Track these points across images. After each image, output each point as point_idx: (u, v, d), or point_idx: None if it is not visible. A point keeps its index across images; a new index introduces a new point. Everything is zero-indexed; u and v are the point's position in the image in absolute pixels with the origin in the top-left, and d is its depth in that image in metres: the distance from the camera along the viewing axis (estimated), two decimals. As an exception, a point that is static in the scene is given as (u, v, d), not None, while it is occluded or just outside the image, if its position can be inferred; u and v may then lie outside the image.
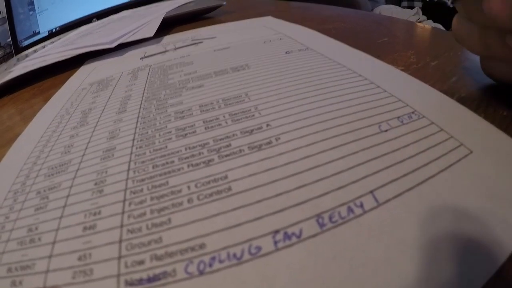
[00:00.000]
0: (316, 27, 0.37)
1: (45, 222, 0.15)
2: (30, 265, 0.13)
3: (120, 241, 0.13)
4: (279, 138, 0.16)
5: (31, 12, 0.78)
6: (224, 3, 0.58)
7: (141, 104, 0.24)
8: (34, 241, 0.14)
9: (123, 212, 0.14)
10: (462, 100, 0.19)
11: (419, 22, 2.19)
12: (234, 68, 0.27)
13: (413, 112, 0.17)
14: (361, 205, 0.12)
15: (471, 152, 0.14)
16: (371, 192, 0.13)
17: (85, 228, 0.14)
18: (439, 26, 2.16)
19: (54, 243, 0.13)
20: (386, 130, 0.16)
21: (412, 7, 2.88)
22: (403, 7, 2.86)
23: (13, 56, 0.77)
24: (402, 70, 0.23)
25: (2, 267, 0.13)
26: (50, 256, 0.13)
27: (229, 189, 0.14)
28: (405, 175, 0.13)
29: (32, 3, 0.78)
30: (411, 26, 0.43)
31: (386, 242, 0.11)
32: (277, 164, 0.15)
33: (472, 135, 0.15)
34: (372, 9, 2.60)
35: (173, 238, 0.12)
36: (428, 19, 2.24)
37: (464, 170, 0.13)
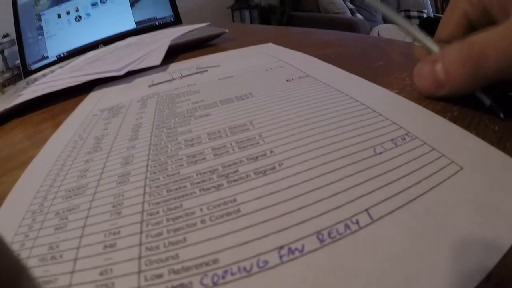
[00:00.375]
0: (316, 52, 0.38)
1: (66, 241, 0.16)
2: (53, 279, 0.14)
3: (140, 257, 0.14)
4: (282, 164, 0.18)
5: (40, 37, 0.80)
6: (227, 30, 0.59)
7: (152, 131, 0.25)
8: (56, 258, 0.15)
9: (141, 232, 0.15)
10: (454, 119, 0.20)
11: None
12: (238, 97, 0.28)
13: (406, 134, 0.18)
14: (357, 222, 0.13)
15: (462, 168, 0.15)
16: (366, 210, 0.14)
17: (105, 246, 0.15)
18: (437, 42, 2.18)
19: (75, 260, 0.14)
20: (380, 153, 0.17)
21: (410, 24, 2.90)
22: (401, 26, 2.88)
23: (21, 78, 0.79)
24: (397, 93, 0.24)
25: (24, 281, 0.14)
26: (72, 272, 0.14)
27: (238, 211, 0.15)
28: (397, 193, 0.14)
29: (41, 28, 0.80)
30: (407, 47, 0.44)
31: (379, 255, 0.12)
32: (281, 187, 0.16)
33: (462, 152, 0.16)
34: (370, 29, 2.64)
35: (189, 254, 0.13)
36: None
37: (454, 186, 0.14)
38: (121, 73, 0.45)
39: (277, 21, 3.36)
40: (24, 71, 0.78)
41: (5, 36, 2.44)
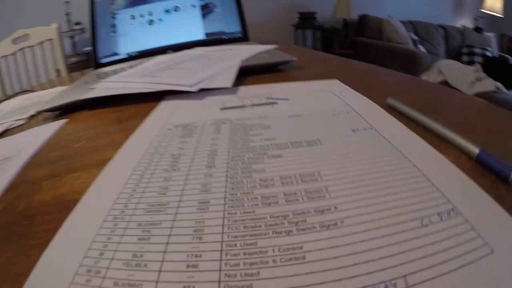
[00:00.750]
0: (380, 100, 0.40)
1: (150, 253, 0.19)
2: (137, 284, 0.17)
3: (219, 281, 0.17)
4: (343, 222, 0.20)
5: (112, 34, 0.86)
6: (295, 58, 0.63)
7: (227, 163, 0.28)
8: (140, 265, 0.18)
9: (221, 259, 0.18)
10: (500, 198, 0.21)
11: (479, 79, 2.14)
12: (308, 142, 0.30)
13: (452, 209, 0.20)
14: (395, 285, 0.16)
15: (492, 251, 0.17)
16: (404, 276, 0.16)
17: (188, 266, 0.18)
18: (499, 85, 2.11)
19: (160, 271, 0.17)
20: (426, 225, 0.19)
21: (472, 62, 2.82)
22: (463, 62, 2.79)
23: (87, 65, 0.86)
24: (451, 160, 0.26)
25: (109, 280, 0.17)
26: (157, 281, 0.17)
27: (304, 257, 0.18)
28: (432, 266, 0.17)
29: (114, 26, 0.86)
30: (467, 104, 0.44)
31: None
32: (340, 243, 0.18)
33: (497, 235, 0.18)
34: (431, 63, 2.58)
35: (261, 287, 0.16)
36: (489, 76, 2.18)
37: (481, 268, 0.16)
38: (194, 89, 0.49)
39: (339, 44, 3.37)
40: (95, 64, 0.85)
41: (77, 23, 2.61)
